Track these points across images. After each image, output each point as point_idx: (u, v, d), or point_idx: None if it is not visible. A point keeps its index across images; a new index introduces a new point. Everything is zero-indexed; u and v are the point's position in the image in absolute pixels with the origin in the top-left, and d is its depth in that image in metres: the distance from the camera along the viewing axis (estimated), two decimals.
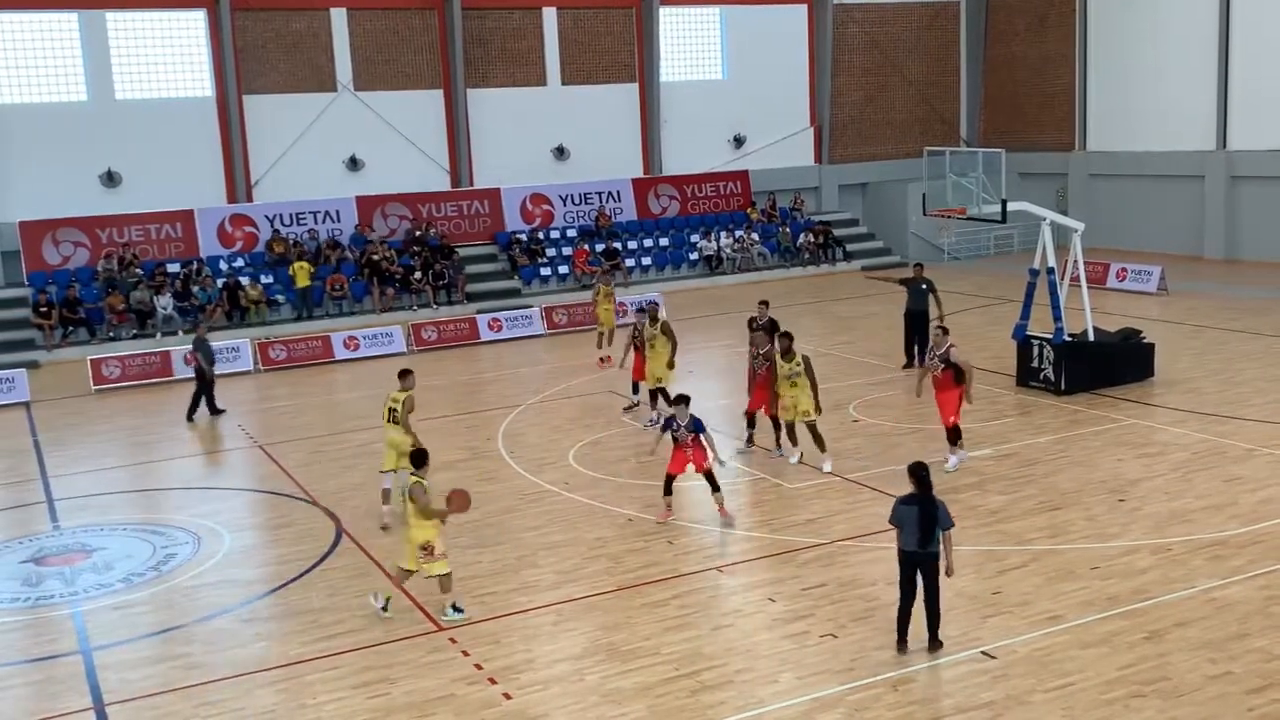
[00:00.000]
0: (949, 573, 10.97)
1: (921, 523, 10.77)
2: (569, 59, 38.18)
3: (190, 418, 22.56)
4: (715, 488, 14.93)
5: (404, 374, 15.87)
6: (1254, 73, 35.16)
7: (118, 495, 18.04)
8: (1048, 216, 21.72)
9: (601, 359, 25.02)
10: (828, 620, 11.90)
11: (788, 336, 17.11)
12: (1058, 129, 41.53)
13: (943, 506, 10.93)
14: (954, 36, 43.91)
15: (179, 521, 16.36)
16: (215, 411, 22.89)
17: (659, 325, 19.74)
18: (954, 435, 16.76)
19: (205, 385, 22.78)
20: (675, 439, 15.01)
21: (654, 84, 38.99)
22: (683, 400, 15.18)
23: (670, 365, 19.59)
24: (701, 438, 14.90)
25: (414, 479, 12.64)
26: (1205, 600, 11.98)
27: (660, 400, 19.43)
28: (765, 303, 19.97)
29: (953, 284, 32.18)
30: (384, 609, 12.59)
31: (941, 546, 10.87)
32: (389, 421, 15.56)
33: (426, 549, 12.38)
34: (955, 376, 16.52)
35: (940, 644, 11.11)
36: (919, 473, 10.98)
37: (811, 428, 16.77)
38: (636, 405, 20.66)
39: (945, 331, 17.15)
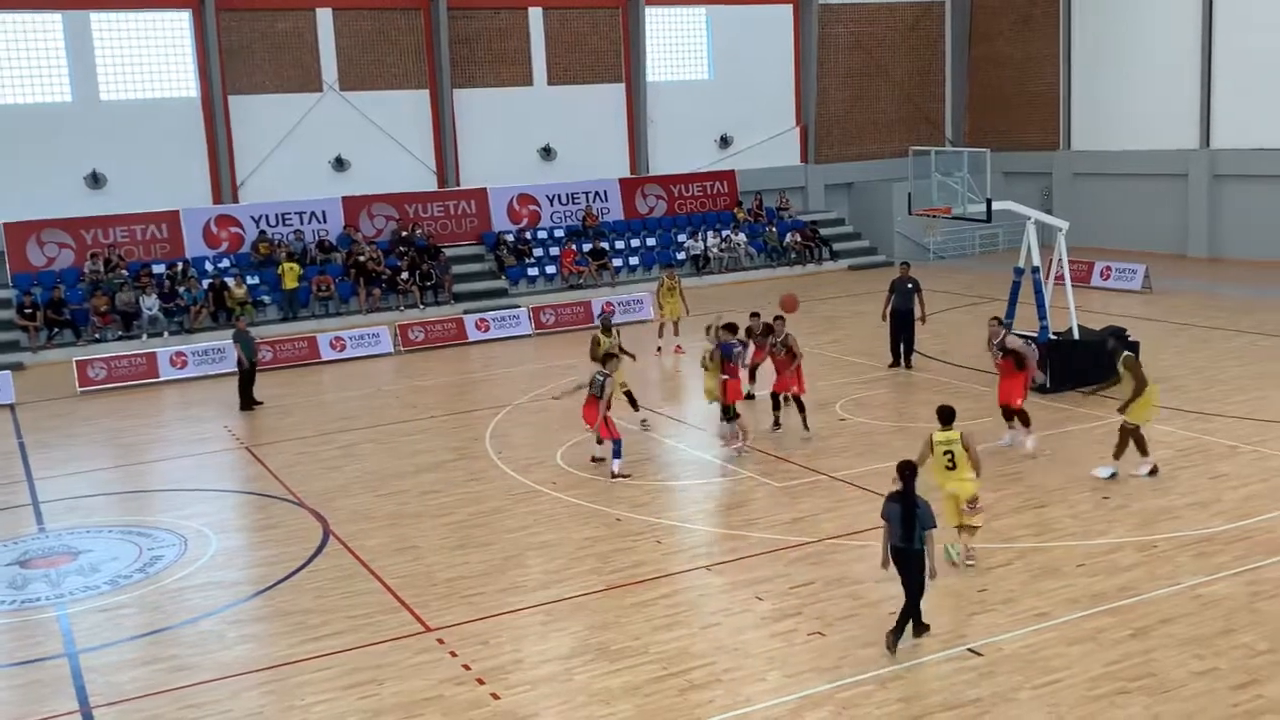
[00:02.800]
0: (931, 575, 11.07)
1: (903, 520, 10.95)
2: (555, 59, 38.17)
3: (247, 407, 22.97)
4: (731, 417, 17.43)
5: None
6: (1237, 71, 35.34)
7: (103, 497, 17.98)
8: (1032, 215, 21.81)
9: (675, 348, 26.05)
10: (815, 618, 11.93)
11: (1116, 336, 16.62)
12: (1042, 128, 41.68)
13: (925, 505, 11.03)
14: (938, 36, 44.04)
15: (165, 523, 16.31)
16: (248, 405, 23.02)
17: (613, 333, 20.30)
18: (1024, 419, 17.22)
19: (245, 376, 23.08)
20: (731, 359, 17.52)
21: (640, 84, 39.01)
22: (730, 328, 17.84)
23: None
24: (728, 364, 17.66)
25: (955, 434, 12.83)
26: (1190, 597, 12.04)
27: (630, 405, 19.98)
28: (756, 314, 20.80)
29: (938, 283, 32.28)
30: (967, 559, 13.02)
31: (925, 546, 10.97)
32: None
33: (973, 503, 12.80)
34: (1016, 363, 17.16)
35: (925, 628, 11.28)
36: (903, 471, 11.13)
37: (1131, 429, 15.74)
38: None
39: (999, 321, 17.90)
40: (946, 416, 13.00)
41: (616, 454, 17.07)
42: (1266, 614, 11.54)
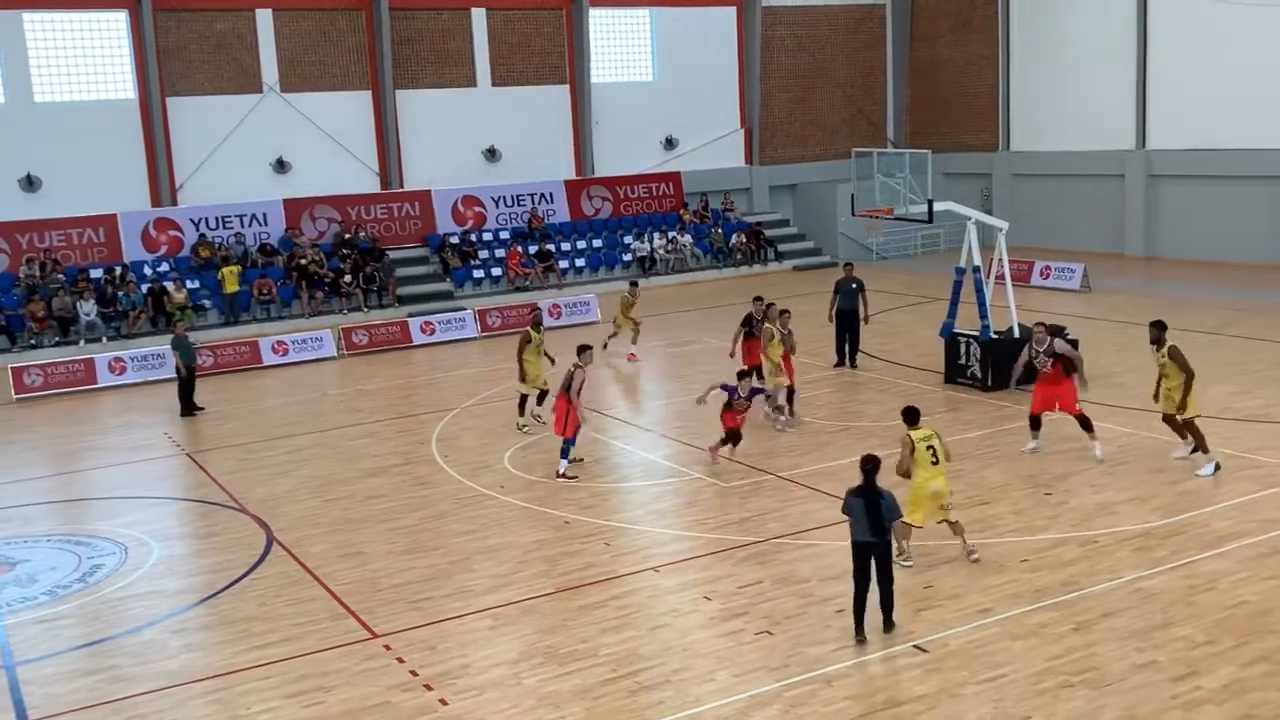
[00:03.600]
0: (899, 553, 11.67)
1: (869, 514, 11.15)
2: (499, 60, 38.06)
3: (188, 413, 22.69)
4: (737, 440, 17.30)
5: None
6: (1171, 73, 36.02)
7: (41, 506, 17.65)
8: (973, 216, 22.08)
9: (629, 355, 25.84)
10: (763, 618, 11.99)
11: (1159, 325, 16.10)
12: (982, 130, 42.23)
13: (889, 497, 11.30)
14: (880, 39, 44.44)
15: (105, 532, 16.04)
16: (188, 411, 22.70)
17: (541, 331, 20.44)
18: (1086, 424, 16.68)
19: (184, 383, 22.77)
20: (733, 405, 17.07)
21: (585, 85, 38.99)
22: (745, 375, 17.33)
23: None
24: (756, 399, 17.63)
25: (930, 430, 12.97)
26: (1131, 591, 12.23)
27: (530, 403, 20.17)
28: (760, 298, 21.50)
29: (881, 283, 32.59)
30: (971, 554, 13.11)
31: (893, 535, 11.49)
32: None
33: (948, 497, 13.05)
34: (1065, 368, 16.80)
35: (894, 625, 11.47)
36: (865, 466, 11.36)
37: (1187, 424, 15.90)
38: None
39: (1044, 326, 17.24)
40: (912, 416, 13.07)
41: (564, 454, 17.07)
42: (1203, 607, 11.76)
